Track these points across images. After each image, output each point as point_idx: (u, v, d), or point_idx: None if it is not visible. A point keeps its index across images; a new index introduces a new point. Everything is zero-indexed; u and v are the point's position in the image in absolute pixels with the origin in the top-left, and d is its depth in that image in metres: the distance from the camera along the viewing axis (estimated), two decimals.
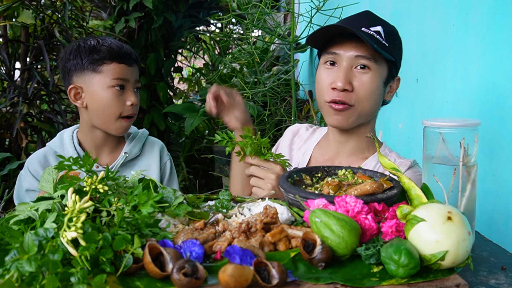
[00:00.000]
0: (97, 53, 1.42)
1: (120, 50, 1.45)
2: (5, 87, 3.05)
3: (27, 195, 1.45)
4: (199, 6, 3.97)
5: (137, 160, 1.56)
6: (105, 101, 1.42)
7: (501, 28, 1.54)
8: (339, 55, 1.24)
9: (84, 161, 0.84)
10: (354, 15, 1.32)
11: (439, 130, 0.91)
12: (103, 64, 1.42)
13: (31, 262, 0.64)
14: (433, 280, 0.70)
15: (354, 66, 1.24)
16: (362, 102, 1.24)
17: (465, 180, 0.89)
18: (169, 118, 3.78)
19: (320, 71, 1.29)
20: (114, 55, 1.42)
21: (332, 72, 1.25)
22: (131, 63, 1.47)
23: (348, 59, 1.23)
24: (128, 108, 1.45)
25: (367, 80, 1.23)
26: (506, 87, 1.50)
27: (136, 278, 0.70)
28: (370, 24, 1.25)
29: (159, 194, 0.85)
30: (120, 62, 1.43)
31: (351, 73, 1.23)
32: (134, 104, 1.46)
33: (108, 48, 1.43)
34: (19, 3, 2.88)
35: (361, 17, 1.29)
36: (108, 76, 1.42)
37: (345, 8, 2.39)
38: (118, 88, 1.43)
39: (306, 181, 1.09)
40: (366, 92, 1.24)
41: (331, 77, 1.25)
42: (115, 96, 1.42)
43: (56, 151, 1.49)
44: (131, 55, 1.47)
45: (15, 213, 0.82)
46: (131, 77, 1.46)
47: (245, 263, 0.71)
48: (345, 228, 0.75)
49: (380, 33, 1.24)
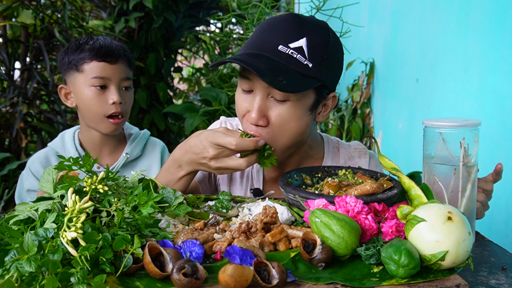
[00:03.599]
0: (80, 52, 1.41)
1: (101, 48, 1.41)
2: (5, 87, 3.05)
3: (28, 195, 1.45)
4: (199, 6, 3.97)
5: (138, 160, 1.56)
6: (87, 100, 1.42)
7: (501, 28, 1.54)
8: (253, 82, 1.06)
9: (84, 162, 0.84)
10: (277, 22, 1.09)
11: (439, 130, 0.91)
12: (84, 63, 1.41)
13: (31, 262, 0.64)
14: (433, 280, 0.70)
15: (270, 95, 1.06)
16: (279, 136, 1.07)
17: (465, 180, 0.89)
18: (169, 118, 3.78)
19: (237, 94, 1.12)
20: (94, 53, 1.41)
21: (247, 98, 1.09)
22: (115, 60, 1.42)
23: (262, 88, 1.05)
24: (110, 107, 1.42)
25: (283, 113, 1.05)
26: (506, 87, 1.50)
27: (136, 278, 0.70)
28: (291, 37, 1.04)
29: (159, 194, 0.85)
30: (100, 60, 1.41)
31: (266, 104, 1.06)
32: (117, 103, 1.41)
33: (91, 46, 1.42)
34: (19, 3, 2.88)
35: (283, 28, 1.07)
36: (88, 75, 1.41)
37: (345, 8, 2.39)
38: (99, 87, 1.41)
39: (306, 181, 1.09)
40: (284, 126, 1.06)
41: (246, 104, 1.09)
42: (96, 95, 1.41)
43: (57, 152, 1.49)
44: (114, 52, 1.43)
45: (15, 213, 0.82)
46: (114, 75, 1.42)
47: (245, 263, 0.71)
48: (345, 228, 0.75)
49: (303, 50, 1.04)
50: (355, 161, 1.28)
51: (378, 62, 2.98)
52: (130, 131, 1.60)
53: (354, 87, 3.22)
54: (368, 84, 3.09)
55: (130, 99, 1.49)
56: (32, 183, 1.45)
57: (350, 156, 1.28)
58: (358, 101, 3.15)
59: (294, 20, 1.08)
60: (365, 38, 3.15)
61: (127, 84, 1.46)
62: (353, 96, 3.20)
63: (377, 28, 2.98)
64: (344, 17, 2.37)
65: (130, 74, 1.49)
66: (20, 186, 1.48)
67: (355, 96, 3.19)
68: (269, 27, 1.10)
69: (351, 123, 3.16)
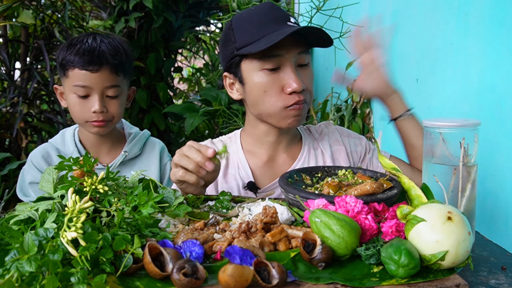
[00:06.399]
0: (70, 54, 1.38)
1: (83, 55, 1.36)
2: (5, 87, 3.05)
3: (30, 187, 1.45)
4: (199, 6, 3.97)
5: (137, 159, 1.56)
6: (71, 105, 1.41)
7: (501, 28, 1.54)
8: (283, 56, 1.16)
9: (84, 161, 0.85)
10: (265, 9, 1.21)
11: (439, 130, 0.91)
12: (69, 69, 1.38)
13: (31, 262, 0.64)
14: (433, 280, 0.70)
15: (297, 64, 1.19)
16: (311, 96, 1.25)
17: (465, 180, 0.89)
18: (169, 118, 3.79)
19: (261, 78, 1.19)
20: (77, 60, 1.36)
21: (278, 76, 1.18)
22: (97, 69, 1.36)
23: (291, 59, 1.17)
24: (91, 115, 1.39)
25: (310, 74, 1.23)
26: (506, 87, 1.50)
27: (136, 278, 0.70)
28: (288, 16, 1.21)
29: (159, 194, 0.85)
30: (81, 69, 1.36)
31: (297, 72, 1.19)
32: (98, 112, 1.38)
33: (76, 51, 1.37)
34: (19, 3, 2.89)
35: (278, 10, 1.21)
36: (71, 81, 1.38)
37: (345, 8, 2.39)
38: (81, 95, 1.38)
39: (306, 181, 1.10)
40: (311, 85, 1.24)
41: (279, 81, 1.18)
42: (78, 102, 1.39)
43: (57, 148, 1.50)
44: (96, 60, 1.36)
45: (15, 213, 0.82)
46: (96, 84, 1.37)
47: (245, 263, 0.71)
48: (345, 228, 0.75)
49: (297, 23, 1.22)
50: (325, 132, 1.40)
51: None
52: (130, 130, 1.60)
53: None
54: None
55: (118, 106, 1.43)
56: (34, 176, 1.46)
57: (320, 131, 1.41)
58: (358, 101, 3.15)
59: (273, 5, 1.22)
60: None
61: (112, 93, 1.40)
62: (353, 96, 3.20)
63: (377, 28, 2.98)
64: (344, 17, 2.37)
65: (118, 80, 1.42)
66: (22, 180, 1.48)
67: (355, 96, 3.18)
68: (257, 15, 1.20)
69: (351, 123, 3.15)
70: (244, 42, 1.18)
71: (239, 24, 1.21)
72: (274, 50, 1.15)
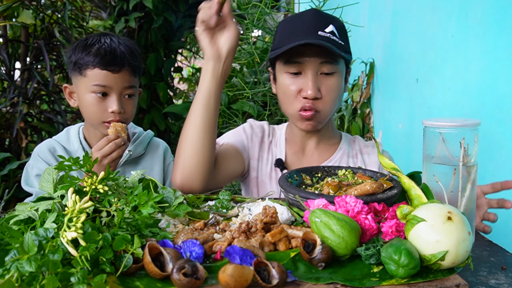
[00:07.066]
0: (86, 54, 1.39)
1: (105, 55, 1.38)
2: (5, 87, 3.05)
3: (36, 180, 1.45)
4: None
5: (141, 159, 1.57)
6: (87, 105, 1.41)
7: (501, 29, 1.54)
8: (304, 63, 1.23)
9: (84, 161, 0.84)
10: (304, 17, 1.28)
11: (439, 130, 0.91)
12: (87, 68, 1.38)
13: (31, 262, 0.64)
14: (433, 280, 0.70)
15: (319, 73, 1.24)
16: (328, 106, 1.27)
17: (465, 180, 0.89)
18: (169, 118, 3.78)
19: (284, 80, 1.28)
20: (98, 60, 1.37)
21: (298, 80, 1.25)
22: (118, 70, 1.39)
23: (313, 67, 1.23)
24: (109, 115, 1.40)
25: (333, 84, 1.25)
26: (506, 87, 1.50)
27: (136, 278, 0.70)
28: (324, 25, 1.24)
29: (159, 194, 0.85)
30: (103, 69, 1.38)
31: (318, 80, 1.24)
32: (116, 112, 1.39)
33: (96, 51, 1.38)
34: (19, 3, 2.89)
35: (314, 19, 1.26)
36: (90, 81, 1.38)
37: (345, 8, 2.39)
38: (100, 94, 1.39)
39: (306, 181, 1.10)
40: (333, 96, 1.26)
41: (297, 85, 1.25)
42: (96, 102, 1.39)
43: (62, 144, 1.50)
44: (118, 61, 1.39)
45: (15, 213, 0.82)
46: (116, 84, 1.39)
47: (245, 263, 0.71)
48: (345, 228, 0.75)
49: (335, 33, 1.24)
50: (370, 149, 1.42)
51: (378, 62, 2.98)
52: (134, 130, 1.61)
53: (354, 87, 3.22)
54: (368, 84, 3.09)
55: (133, 106, 1.46)
56: (40, 168, 1.46)
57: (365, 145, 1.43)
58: (358, 101, 3.15)
59: (318, 13, 1.28)
60: (365, 38, 3.15)
61: (130, 92, 1.44)
62: (353, 96, 3.20)
63: (377, 28, 2.98)
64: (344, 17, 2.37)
65: (135, 81, 1.45)
66: (26, 174, 1.48)
67: (355, 96, 3.19)
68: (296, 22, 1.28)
69: (351, 123, 3.15)
70: (276, 45, 1.29)
71: (281, 26, 1.31)
72: (296, 57, 1.24)
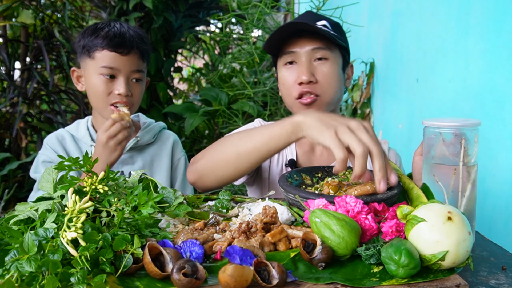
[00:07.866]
0: (95, 38, 1.41)
1: (114, 37, 1.40)
2: (5, 87, 3.05)
3: (43, 166, 1.47)
4: (199, 6, 3.96)
5: (149, 147, 1.58)
6: (94, 87, 1.42)
7: (501, 28, 1.54)
8: (297, 52, 1.29)
9: (84, 161, 0.84)
10: (298, 17, 1.38)
11: (439, 130, 0.91)
12: (96, 50, 1.41)
13: (31, 262, 0.64)
14: (433, 280, 0.70)
15: (313, 60, 1.29)
16: (327, 90, 1.30)
17: (465, 180, 0.89)
18: (169, 118, 3.78)
19: (282, 73, 1.33)
20: (107, 42, 1.40)
21: (293, 70, 1.30)
22: (126, 52, 1.41)
23: (306, 54, 1.28)
24: (116, 97, 1.42)
25: (327, 69, 1.29)
26: (506, 87, 1.50)
27: (136, 278, 0.70)
28: (316, 20, 1.30)
29: (159, 194, 0.85)
30: (111, 50, 1.40)
31: (312, 66, 1.29)
32: (123, 95, 1.41)
33: (105, 34, 1.41)
34: (19, 3, 2.89)
35: (306, 16, 1.35)
36: (98, 63, 1.41)
37: (345, 8, 2.39)
38: (108, 76, 1.41)
39: (306, 181, 1.09)
40: (329, 80, 1.29)
41: (294, 74, 1.30)
42: (103, 84, 1.41)
43: (71, 133, 1.53)
44: (127, 44, 1.41)
45: (15, 213, 0.82)
46: (124, 67, 1.42)
47: (245, 263, 0.71)
48: (345, 228, 0.75)
49: (327, 26, 1.30)
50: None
51: (378, 62, 2.98)
52: (145, 120, 1.64)
53: (354, 87, 3.22)
54: (368, 84, 3.09)
55: (140, 91, 1.48)
56: (47, 156, 1.48)
57: None
58: (358, 101, 3.15)
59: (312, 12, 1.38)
60: (365, 38, 3.15)
61: (137, 76, 1.45)
62: (353, 96, 3.20)
63: (377, 28, 2.98)
64: (344, 17, 2.37)
65: (143, 66, 1.47)
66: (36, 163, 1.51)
67: (355, 96, 3.19)
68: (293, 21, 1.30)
69: None
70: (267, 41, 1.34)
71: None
72: (288, 47, 1.30)
